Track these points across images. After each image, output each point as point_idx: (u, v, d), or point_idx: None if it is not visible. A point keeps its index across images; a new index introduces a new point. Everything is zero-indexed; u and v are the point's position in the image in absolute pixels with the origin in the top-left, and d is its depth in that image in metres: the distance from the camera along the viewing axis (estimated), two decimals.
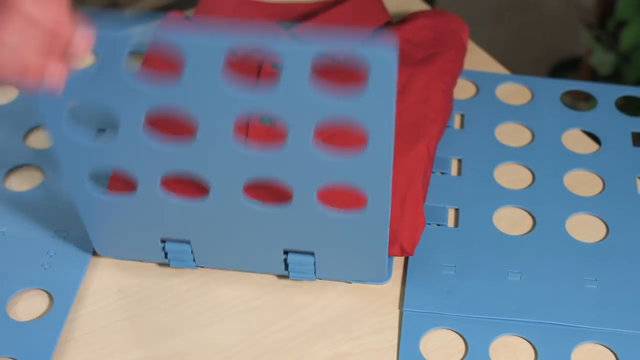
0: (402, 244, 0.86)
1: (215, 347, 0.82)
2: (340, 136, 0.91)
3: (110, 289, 0.87)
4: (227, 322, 0.84)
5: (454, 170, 0.97)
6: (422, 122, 0.93)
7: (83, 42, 0.67)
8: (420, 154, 0.91)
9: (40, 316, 0.84)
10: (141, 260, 0.88)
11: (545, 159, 0.98)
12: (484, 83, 1.06)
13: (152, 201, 0.80)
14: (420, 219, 0.87)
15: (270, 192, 0.81)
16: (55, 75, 0.67)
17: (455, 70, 1.00)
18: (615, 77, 1.81)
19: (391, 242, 0.86)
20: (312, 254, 0.85)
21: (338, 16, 1.04)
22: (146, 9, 1.52)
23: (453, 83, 0.99)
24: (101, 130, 0.98)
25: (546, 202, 0.93)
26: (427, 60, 0.99)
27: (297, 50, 0.68)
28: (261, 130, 0.92)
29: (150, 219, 0.83)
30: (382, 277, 0.86)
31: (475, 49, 1.12)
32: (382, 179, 0.74)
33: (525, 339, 0.82)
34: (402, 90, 0.95)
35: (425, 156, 0.91)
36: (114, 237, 0.86)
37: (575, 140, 1.00)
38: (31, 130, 1.01)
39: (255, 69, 0.99)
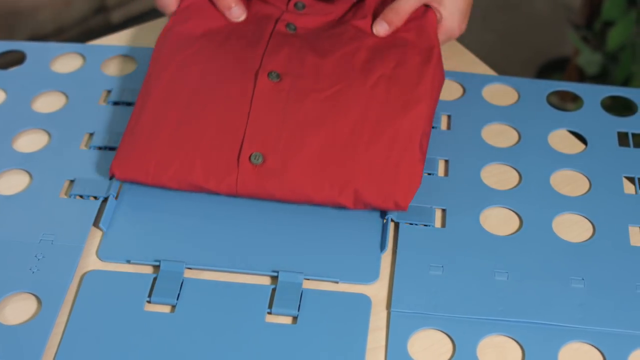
0: (396, 199, 0.89)
1: None
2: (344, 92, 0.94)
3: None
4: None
5: (441, 171, 0.97)
6: (422, 82, 0.95)
7: None
8: (420, 114, 0.93)
9: (29, 320, 0.83)
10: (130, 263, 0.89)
11: (531, 159, 0.98)
12: (470, 84, 1.06)
13: None
14: (417, 178, 0.90)
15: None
16: None
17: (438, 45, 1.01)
18: (602, 77, 1.82)
19: (386, 197, 0.88)
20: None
21: None
22: (135, 12, 1.52)
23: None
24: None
25: (533, 202, 0.94)
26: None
27: None
28: (269, 86, 0.94)
29: None
30: (370, 277, 0.87)
31: (462, 50, 1.12)
32: None
33: (512, 339, 0.83)
34: (404, 45, 0.98)
35: (425, 116, 0.93)
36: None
37: (562, 141, 1.01)
38: (19, 133, 1.01)
39: (269, 27, 1.00)
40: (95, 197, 0.93)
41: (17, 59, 1.11)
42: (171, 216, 0.92)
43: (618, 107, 1.13)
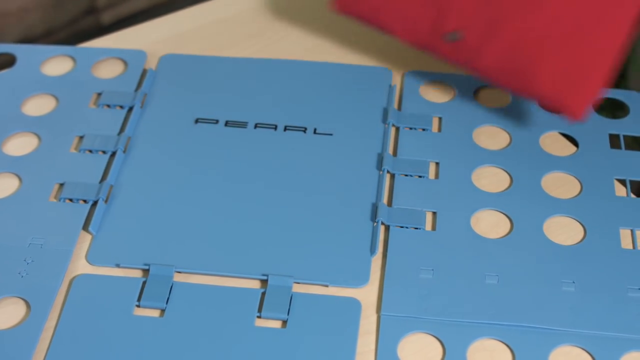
0: (573, 109, 0.93)
1: None
2: None
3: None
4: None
5: (431, 174, 0.97)
6: None
7: None
8: (624, 17, 0.90)
9: (17, 324, 0.83)
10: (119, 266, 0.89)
11: (523, 162, 0.98)
12: (462, 86, 1.06)
13: None
14: (598, 88, 0.91)
15: None
16: None
17: None
18: None
19: (564, 104, 0.93)
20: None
21: None
22: (125, 13, 1.52)
23: None
24: None
25: (524, 204, 0.94)
26: None
27: None
28: (445, 49, 0.98)
29: None
30: (360, 280, 0.87)
31: None
32: None
33: (502, 342, 0.83)
34: None
35: (628, 20, 0.90)
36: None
37: (553, 143, 1.01)
38: (9, 137, 1.01)
39: None
40: (85, 201, 0.93)
41: (7, 61, 1.11)
42: (161, 220, 0.92)
43: (608, 108, 1.13)
